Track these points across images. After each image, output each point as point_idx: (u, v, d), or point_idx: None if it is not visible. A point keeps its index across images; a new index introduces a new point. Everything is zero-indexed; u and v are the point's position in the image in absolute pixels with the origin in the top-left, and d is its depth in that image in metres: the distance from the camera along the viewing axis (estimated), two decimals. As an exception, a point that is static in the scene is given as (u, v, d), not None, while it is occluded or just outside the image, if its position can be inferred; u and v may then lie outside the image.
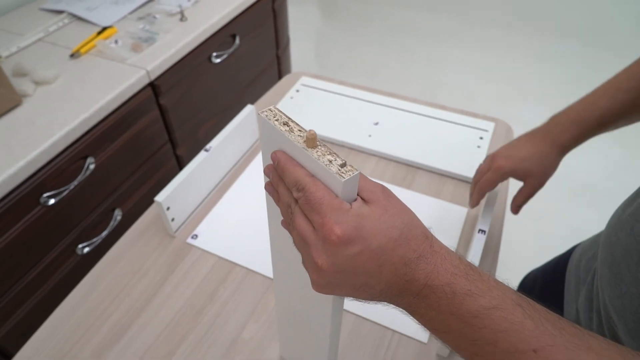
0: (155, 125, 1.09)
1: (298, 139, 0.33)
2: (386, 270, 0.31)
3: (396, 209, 0.32)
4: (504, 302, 0.30)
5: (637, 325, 0.39)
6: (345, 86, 1.07)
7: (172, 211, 0.72)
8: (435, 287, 0.31)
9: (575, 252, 0.66)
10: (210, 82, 1.25)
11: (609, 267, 0.46)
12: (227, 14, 1.21)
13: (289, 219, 0.35)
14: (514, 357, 0.28)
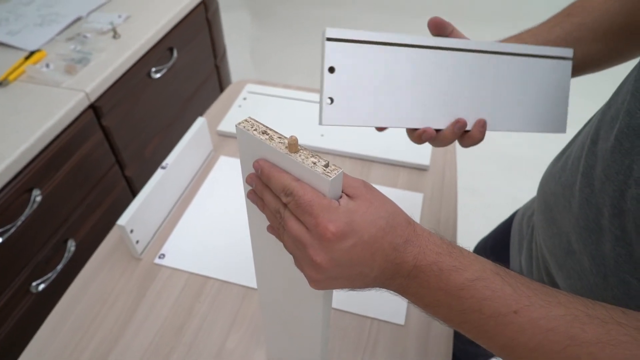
0: (100, 148, 1.05)
1: (280, 146, 0.35)
2: (378, 257, 0.34)
3: (379, 201, 0.35)
4: (485, 273, 0.33)
5: (565, 260, 0.45)
6: (290, 89, 1.09)
7: (135, 233, 0.71)
8: (423, 267, 0.34)
9: (517, 214, 0.73)
10: (152, 98, 1.22)
11: (542, 213, 0.52)
12: (162, 27, 1.19)
13: (278, 224, 0.36)
14: (498, 320, 0.32)
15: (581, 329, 0.30)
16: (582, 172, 0.43)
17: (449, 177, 0.88)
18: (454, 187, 0.87)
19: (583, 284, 0.43)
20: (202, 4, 1.38)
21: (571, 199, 0.45)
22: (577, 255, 0.44)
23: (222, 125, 0.98)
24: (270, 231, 0.40)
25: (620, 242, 0.37)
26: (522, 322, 0.31)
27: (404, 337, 0.64)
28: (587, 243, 0.42)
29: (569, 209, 0.45)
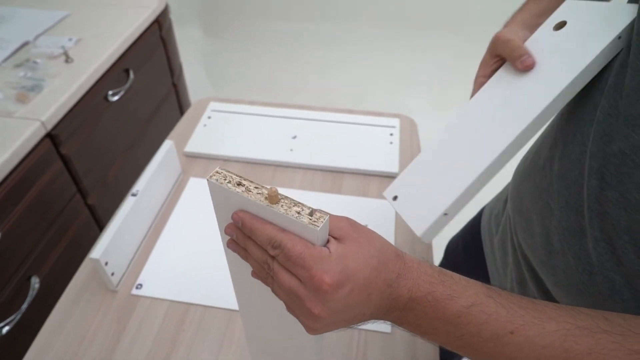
0: (60, 178, 1.00)
1: (259, 197, 0.33)
2: (374, 296, 0.34)
3: (366, 238, 0.35)
4: (479, 297, 0.34)
5: (548, 258, 0.48)
6: (255, 105, 1.09)
7: (110, 265, 0.68)
8: (419, 298, 0.34)
9: (485, 213, 0.76)
10: (111, 122, 1.18)
11: (520, 214, 0.54)
12: (116, 49, 1.16)
13: (265, 274, 0.36)
14: (496, 342, 0.33)
15: (574, 342, 0.32)
16: (558, 175, 0.45)
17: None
18: (424, 192, 0.90)
19: (570, 281, 0.45)
20: (156, 22, 1.36)
21: (550, 200, 0.47)
22: (561, 254, 0.45)
23: (189, 146, 0.96)
24: (255, 277, 0.39)
25: (601, 242, 0.39)
26: (519, 342, 0.33)
27: (392, 345, 0.65)
28: (570, 243, 0.44)
29: (548, 210, 0.47)
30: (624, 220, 0.37)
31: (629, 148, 0.36)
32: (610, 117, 0.38)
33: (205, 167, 0.93)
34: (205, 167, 0.94)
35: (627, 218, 0.36)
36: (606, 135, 0.38)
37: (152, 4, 1.33)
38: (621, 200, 0.37)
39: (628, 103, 0.36)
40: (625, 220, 0.37)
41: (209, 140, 0.98)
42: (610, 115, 0.38)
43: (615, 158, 0.37)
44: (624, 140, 0.36)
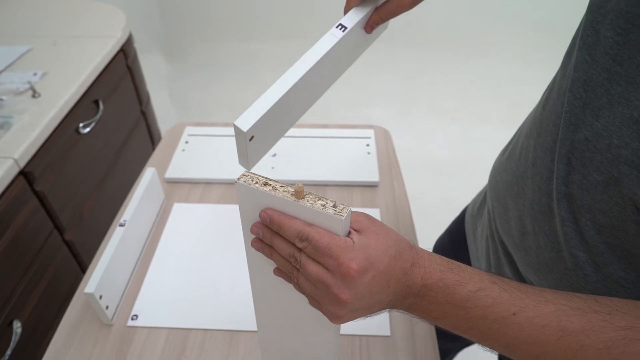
0: (36, 216, 0.98)
1: (285, 195, 0.36)
2: (392, 283, 0.37)
3: (383, 230, 0.38)
4: (484, 283, 0.38)
5: (521, 240, 0.52)
6: (232, 127, 1.09)
7: (105, 299, 0.67)
8: (431, 285, 0.37)
9: (468, 209, 0.80)
10: (83, 155, 1.16)
11: (497, 201, 0.59)
12: (84, 81, 1.14)
13: (291, 268, 0.38)
14: (500, 323, 0.36)
15: (569, 321, 0.35)
16: (532, 162, 0.50)
17: (398, 189, 0.94)
18: (405, 198, 0.93)
19: (540, 260, 0.49)
20: (121, 51, 1.35)
21: (524, 186, 0.51)
22: (532, 235, 0.50)
23: (169, 172, 0.96)
24: (278, 274, 0.41)
25: (567, 222, 0.43)
26: (521, 322, 0.36)
27: (394, 347, 0.67)
28: (541, 224, 0.48)
29: (522, 195, 0.52)
30: (586, 200, 0.41)
31: (592, 135, 0.40)
32: (577, 108, 0.42)
33: (188, 192, 0.93)
34: (187, 191, 0.94)
35: (588, 198, 0.40)
36: (573, 125, 0.42)
37: (116, 34, 1.32)
38: (584, 182, 0.41)
39: (594, 96, 0.40)
40: (587, 200, 0.41)
41: (188, 165, 0.98)
42: (576, 106, 0.42)
43: (580, 144, 0.41)
44: (589, 129, 0.40)
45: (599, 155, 0.39)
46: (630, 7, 0.37)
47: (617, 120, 0.37)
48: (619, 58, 0.38)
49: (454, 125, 2.38)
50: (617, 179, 0.37)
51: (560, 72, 0.49)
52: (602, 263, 0.41)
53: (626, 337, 0.33)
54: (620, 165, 0.37)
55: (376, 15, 0.49)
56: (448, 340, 0.86)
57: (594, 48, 0.40)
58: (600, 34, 0.40)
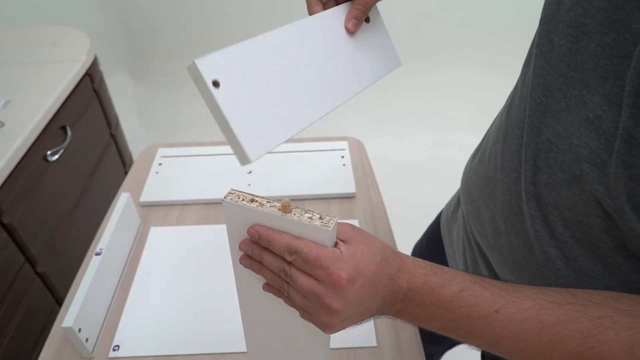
0: (6, 250, 0.94)
1: (272, 210, 0.37)
2: (380, 289, 0.38)
3: (369, 239, 0.39)
4: (466, 283, 0.39)
5: (495, 240, 0.54)
6: (204, 146, 1.09)
7: (84, 331, 0.65)
8: (416, 288, 0.39)
9: (443, 213, 0.82)
10: (52, 183, 1.13)
11: (470, 204, 0.61)
12: (50, 107, 1.12)
13: (281, 282, 0.39)
14: (484, 321, 0.38)
15: (547, 314, 0.37)
16: (501, 165, 0.52)
17: (375, 198, 0.96)
18: (382, 207, 0.94)
19: (513, 258, 0.51)
20: (87, 75, 1.33)
21: (495, 188, 0.53)
22: (505, 235, 0.52)
23: (144, 196, 0.94)
24: (268, 289, 0.42)
25: (537, 220, 0.46)
26: (503, 319, 0.38)
27: (381, 357, 0.67)
28: (513, 224, 0.50)
29: (494, 197, 0.54)
30: (553, 198, 0.43)
31: (554, 137, 0.42)
32: (538, 112, 0.44)
33: (165, 215, 0.92)
34: (164, 214, 0.92)
35: (555, 196, 0.43)
36: (536, 128, 0.45)
37: (80, 57, 1.30)
38: (549, 181, 0.43)
39: (553, 100, 0.43)
40: (553, 198, 0.43)
41: (163, 188, 0.97)
42: (538, 110, 0.44)
43: (544, 146, 0.43)
44: (550, 131, 0.42)
45: (562, 155, 0.41)
46: (579, 17, 0.39)
47: (575, 121, 0.39)
48: (573, 64, 0.40)
49: (425, 131, 2.43)
50: (579, 177, 0.39)
51: (521, 79, 0.51)
52: (571, 257, 0.43)
53: (600, 326, 0.35)
54: (581, 164, 0.39)
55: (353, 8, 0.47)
56: (432, 344, 0.87)
57: (550, 55, 0.43)
58: (554, 42, 0.42)
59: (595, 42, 0.37)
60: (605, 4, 0.36)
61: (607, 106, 0.36)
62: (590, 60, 0.38)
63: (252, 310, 0.48)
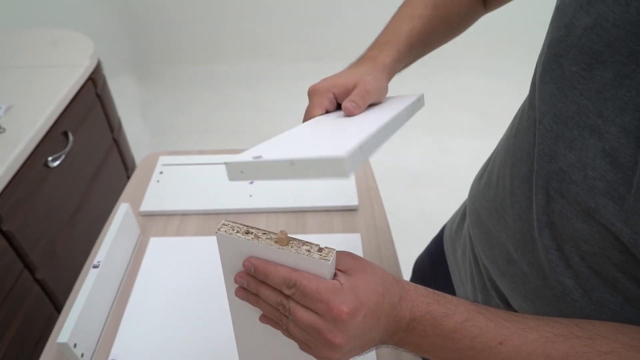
0: (5, 257, 0.94)
1: (269, 242, 0.36)
2: (383, 319, 0.37)
3: (370, 268, 0.39)
4: (470, 313, 0.38)
5: (507, 267, 0.52)
6: (206, 154, 1.08)
7: (79, 347, 0.64)
8: (419, 318, 0.38)
9: (446, 229, 0.80)
10: (53, 189, 1.13)
11: (478, 227, 0.59)
12: (52, 113, 1.11)
13: (279, 315, 0.38)
14: (488, 352, 0.37)
15: (553, 348, 0.36)
16: (510, 191, 0.50)
17: (378, 211, 0.95)
18: (384, 219, 0.93)
19: (526, 287, 0.49)
20: (90, 80, 1.32)
21: (504, 214, 0.51)
22: (518, 262, 0.50)
23: (144, 205, 0.94)
24: (265, 321, 0.41)
25: (551, 250, 0.44)
26: (508, 351, 0.37)
27: (381, 378, 0.66)
28: (525, 252, 0.48)
29: (504, 224, 0.52)
30: (568, 229, 0.41)
31: (567, 166, 0.40)
32: (549, 140, 0.43)
33: (165, 225, 0.91)
34: (164, 224, 0.91)
35: (569, 227, 0.41)
36: (547, 156, 0.43)
37: (83, 62, 1.30)
38: (563, 211, 0.41)
39: (565, 128, 0.41)
40: (568, 229, 0.41)
41: (164, 197, 0.96)
42: (549, 138, 0.43)
43: (556, 175, 0.42)
44: (563, 160, 0.41)
45: (575, 186, 0.40)
46: (592, 44, 0.38)
47: (590, 152, 0.38)
48: (587, 92, 0.38)
49: (428, 137, 2.42)
50: (595, 210, 0.38)
51: (528, 101, 0.49)
52: (588, 288, 0.42)
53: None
54: (597, 197, 0.37)
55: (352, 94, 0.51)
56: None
57: (561, 82, 0.41)
58: (564, 68, 0.41)
59: (612, 72, 0.36)
60: (622, 33, 0.35)
61: (625, 139, 0.35)
62: (607, 90, 0.36)
63: (247, 340, 0.47)
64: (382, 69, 0.56)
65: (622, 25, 0.35)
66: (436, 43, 0.65)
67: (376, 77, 0.54)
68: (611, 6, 0.35)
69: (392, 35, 0.59)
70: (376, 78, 0.53)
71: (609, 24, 0.36)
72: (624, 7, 0.34)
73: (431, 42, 0.63)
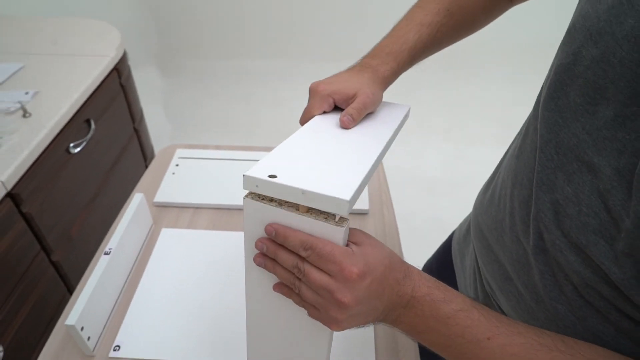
0: (23, 238, 0.97)
1: (291, 210, 0.39)
2: (387, 290, 0.40)
3: (378, 244, 0.41)
4: (466, 305, 0.40)
5: (504, 284, 0.53)
6: (222, 150, 1.10)
7: (86, 330, 0.66)
8: (419, 297, 0.40)
9: (454, 236, 0.80)
10: (73, 175, 1.16)
11: (480, 241, 0.59)
12: (76, 100, 1.14)
13: (293, 279, 0.41)
14: (476, 344, 0.39)
15: (535, 355, 0.38)
16: (509, 212, 0.50)
17: (388, 216, 0.94)
18: (394, 225, 0.93)
19: (521, 307, 0.50)
20: (115, 70, 1.35)
21: (503, 234, 0.51)
22: (514, 282, 0.50)
23: (158, 196, 0.95)
24: (278, 290, 0.44)
25: (546, 275, 0.44)
26: (494, 347, 0.39)
27: (379, 383, 0.66)
28: (520, 273, 0.48)
29: (502, 242, 0.52)
30: (561, 259, 0.41)
31: (563, 199, 0.40)
32: (549, 169, 0.42)
33: (177, 217, 0.93)
34: (176, 216, 0.93)
35: (562, 258, 0.41)
36: (545, 185, 0.43)
37: (109, 53, 1.33)
38: (557, 242, 0.41)
39: (565, 160, 0.40)
40: (561, 260, 0.41)
41: (178, 189, 0.97)
42: (549, 167, 0.42)
43: (553, 205, 0.41)
44: (560, 192, 0.40)
45: (569, 220, 0.39)
46: (598, 78, 0.36)
47: (587, 188, 0.37)
48: (588, 127, 0.37)
49: (446, 145, 2.40)
50: (586, 246, 0.38)
51: (532, 123, 0.48)
52: (581, 316, 0.42)
53: None
54: (588, 234, 0.37)
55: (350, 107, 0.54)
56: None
57: (565, 111, 0.40)
58: (570, 97, 0.40)
59: (613, 111, 0.35)
60: (628, 72, 0.34)
61: (617, 182, 0.34)
62: (607, 129, 0.36)
63: (258, 316, 0.50)
64: (382, 82, 0.59)
65: (628, 64, 0.34)
66: (443, 48, 0.66)
67: (375, 89, 0.57)
68: (620, 42, 0.34)
69: (396, 44, 0.60)
70: (374, 90, 0.57)
71: (615, 60, 0.35)
72: (633, 45, 0.33)
73: (437, 49, 0.65)
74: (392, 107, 0.62)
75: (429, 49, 0.62)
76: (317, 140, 0.50)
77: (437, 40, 0.62)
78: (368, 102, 0.54)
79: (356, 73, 0.59)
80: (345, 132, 0.53)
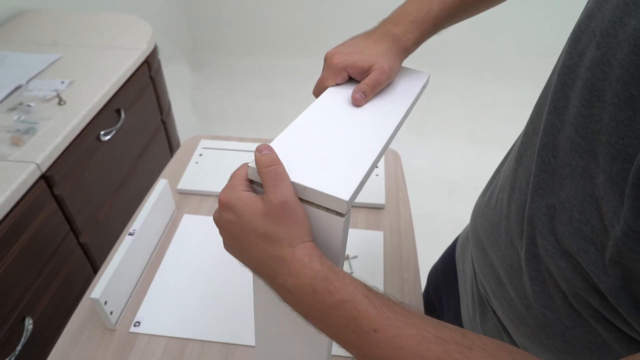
0: (54, 219, 1.02)
1: None
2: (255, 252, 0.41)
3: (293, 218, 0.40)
4: (355, 295, 0.37)
5: (497, 289, 0.52)
6: (245, 142, 1.13)
7: (109, 304, 0.70)
8: (299, 287, 0.38)
9: (459, 239, 0.80)
10: (102, 161, 1.21)
11: (476, 245, 0.58)
12: (108, 90, 1.19)
13: None
14: (360, 336, 0.37)
15: (426, 348, 0.35)
16: (505, 216, 0.49)
17: (404, 212, 0.96)
18: (410, 221, 0.94)
19: (512, 311, 0.49)
20: (145, 63, 1.40)
21: (498, 238, 0.51)
22: (506, 287, 0.49)
23: (181, 184, 0.99)
24: None
25: (536, 281, 0.43)
26: (380, 340, 0.36)
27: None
28: (512, 278, 0.48)
29: (496, 246, 0.51)
30: (552, 266, 0.40)
31: (558, 204, 0.39)
32: (545, 174, 0.41)
33: (198, 204, 0.96)
34: (198, 203, 0.97)
35: (553, 264, 0.40)
36: (541, 189, 0.42)
37: (141, 46, 1.38)
38: (549, 248, 0.40)
39: (560, 164, 0.39)
40: (552, 266, 0.40)
41: (201, 178, 1.01)
42: (545, 172, 0.41)
43: (548, 210, 0.41)
44: (555, 197, 0.40)
45: (562, 226, 0.39)
46: (596, 80, 0.35)
47: (579, 194, 0.36)
48: (582, 130, 0.36)
49: (470, 148, 2.38)
50: (577, 253, 0.37)
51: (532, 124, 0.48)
52: (569, 325, 0.41)
53: None
54: (579, 241, 0.36)
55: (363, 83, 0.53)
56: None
57: (564, 114, 0.39)
58: (569, 100, 0.39)
59: (608, 115, 0.34)
60: (625, 75, 0.32)
61: (610, 188, 0.33)
62: (602, 134, 0.34)
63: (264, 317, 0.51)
64: (402, 52, 0.56)
65: (626, 66, 0.32)
66: (466, 18, 0.62)
67: (392, 62, 0.54)
68: (621, 43, 0.33)
69: (420, 12, 0.56)
70: (392, 62, 0.54)
71: (615, 62, 0.33)
72: (632, 47, 0.32)
73: (459, 19, 0.61)
74: (411, 76, 0.59)
75: (452, 18, 0.59)
76: (326, 121, 0.49)
77: (460, 9, 0.58)
78: (383, 78, 0.53)
79: (375, 42, 0.56)
80: (357, 109, 0.52)
